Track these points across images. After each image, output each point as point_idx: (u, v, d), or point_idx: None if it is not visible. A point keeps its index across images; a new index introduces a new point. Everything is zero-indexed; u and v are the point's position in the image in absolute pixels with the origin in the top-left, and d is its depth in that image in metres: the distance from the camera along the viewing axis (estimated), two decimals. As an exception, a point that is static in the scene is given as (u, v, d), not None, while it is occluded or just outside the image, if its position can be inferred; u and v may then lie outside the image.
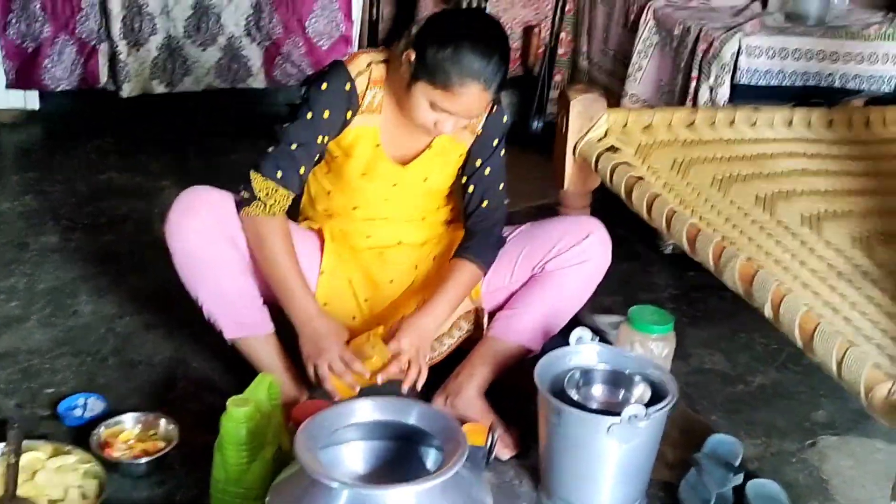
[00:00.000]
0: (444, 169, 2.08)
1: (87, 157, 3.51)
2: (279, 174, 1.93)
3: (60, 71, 3.72)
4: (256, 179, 1.94)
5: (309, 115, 1.94)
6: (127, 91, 3.77)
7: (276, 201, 1.94)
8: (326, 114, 1.94)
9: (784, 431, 2.15)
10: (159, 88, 3.84)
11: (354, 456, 1.61)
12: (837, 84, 2.81)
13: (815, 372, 2.23)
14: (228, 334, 2.03)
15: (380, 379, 1.92)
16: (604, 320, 2.39)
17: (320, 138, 1.96)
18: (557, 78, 3.86)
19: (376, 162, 2.02)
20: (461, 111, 1.86)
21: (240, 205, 1.95)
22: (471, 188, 2.10)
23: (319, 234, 2.13)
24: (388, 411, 1.54)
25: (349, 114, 1.97)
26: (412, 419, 1.53)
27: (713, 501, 1.84)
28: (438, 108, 1.86)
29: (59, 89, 3.74)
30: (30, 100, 3.88)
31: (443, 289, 2.02)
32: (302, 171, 1.96)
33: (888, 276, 1.83)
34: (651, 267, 2.94)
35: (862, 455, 2.07)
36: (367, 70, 1.97)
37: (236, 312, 2.00)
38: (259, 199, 1.93)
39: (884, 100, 2.83)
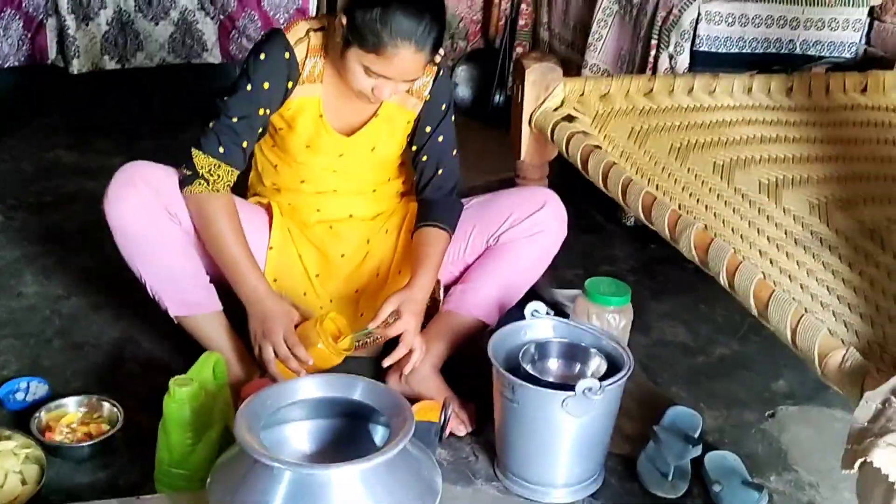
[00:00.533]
0: (391, 137, 2.02)
1: (35, 136, 3.42)
2: (221, 150, 1.87)
3: (7, 47, 3.60)
4: (198, 156, 1.87)
5: (248, 87, 1.87)
6: (77, 67, 3.66)
7: (219, 177, 1.87)
8: (266, 85, 1.87)
9: (744, 402, 2.13)
10: (111, 64, 3.74)
11: (301, 435, 1.56)
12: (798, 51, 2.78)
13: (775, 342, 2.18)
14: (174, 312, 1.96)
15: (386, 362, 1.89)
16: (563, 294, 2.36)
17: (261, 110, 1.89)
18: (519, 50, 3.80)
19: (320, 133, 1.96)
20: (396, 75, 1.80)
21: (182, 183, 1.88)
22: (424, 157, 2.05)
23: (268, 209, 2.07)
24: (332, 388, 1.49)
25: (290, 83, 1.90)
26: (357, 395, 1.48)
27: (671, 474, 1.82)
28: (373, 73, 1.80)
29: (5, 66, 3.63)
30: (-24, 78, 3.77)
31: (423, 260, 1.96)
32: (245, 145, 1.90)
33: (846, 243, 1.81)
34: (612, 240, 2.91)
35: (821, 424, 2.05)
36: (305, 38, 1.90)
37: (180, 290, 1.94)
38: (202, 176, 1.87)
39: (845, 66, 2.80)
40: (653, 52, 2.73)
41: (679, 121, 2.28)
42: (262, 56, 1.88)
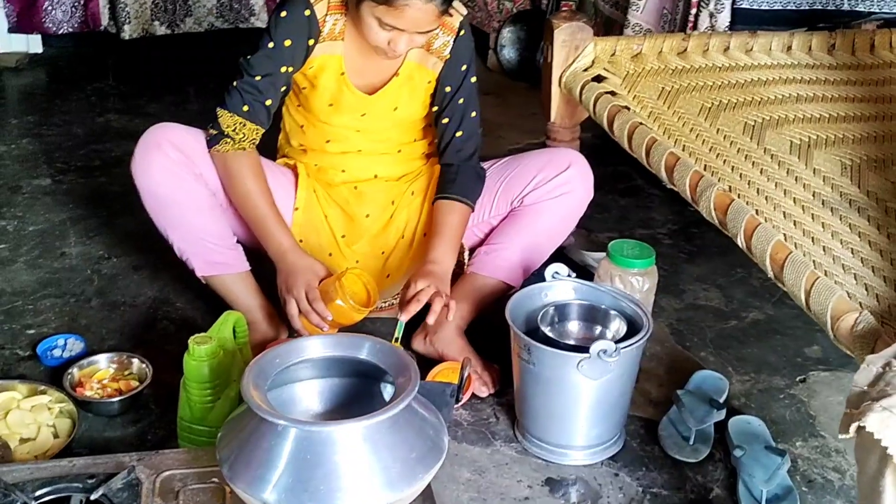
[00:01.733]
0: (412, 97, 2.02)
1: (87, 100, 3.51)
2: (245, 108, 1.89)
3: (61, 13, 3.70)
4: (223, 116, 1.90)
5: (270, 45, 1.89)
6: (128, 33, 3.75)
7: (244, 136, 1.90)
8: (287, 42, 1.89)
9: (775, 367, 2.09)
10: (161, 30, 3.81)
11: (311, 394, 1.57)
12: (846, 7, 2.69)
13: (810, 306, 2.16)
14: (200, 272, 2.00)
15: (403, 317, 1.84)
16: (593, 256, 2.34)
17: (284, 68, 1.91)
18: (565, 10, 3.74)
19: (342, 91, 1.97)
20: (409, 26, 1.78)
21: (209, 143, 1.91)
22: (445, 120, 2.03)
23: (294, 170, 2.09)
24: (339, 347, 1.50)
25: (311, 41, 1.91)
26: (364, 355, 1.49)
27: (692, 438, 1.80)
28: (386, 25, 1.79)
29: (60, 32, 3.73)
30: (33, 43, 3.88)
31: (439, 234, 1.96)
32: (268, 103, 1.91)
33: (876, 204, 1.76)
34: (651, 202, 2.87)
35: (852, 391, 2.00)
36: None
37: (207, 250, 1.97)
38: (227, 135, 1.89)
39: (896, 23, 2.70)
40: (693, 11, 2.67)
41: (712, 80, 2.23)
42: (284, 14, 1.89)
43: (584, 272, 2.25)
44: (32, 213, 2.64)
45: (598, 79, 2.19)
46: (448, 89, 2.01)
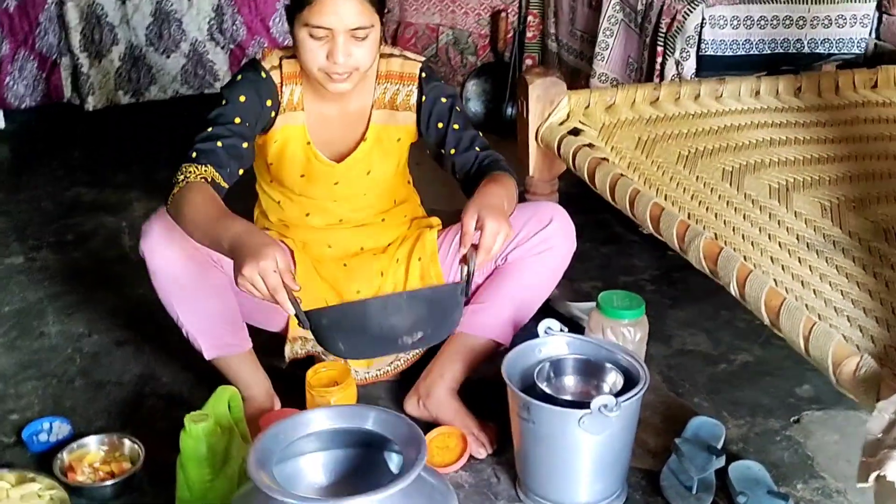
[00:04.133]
0: (385, 158, 2.01)
1: (54, 174, 3.46)
2: (200, 154, 1.79)
3: (22, 88, 3.68)
4: (182, 168, 1.78)
5: (223, 102, 1.86)
6: (92, 104, 3.73)
7: (200, 173, 1.75)
8: (242, 98, 1.86)
9: (769, 409, 2.10)
10: (125, 99, 3.80)
11: (316, 467, 1.56)
12: (806, 50, 2.76)
13: (797, 346, 2.18)
14: (209, 355, 1.95)
15: (477, 261, 1.69)
16: (579, 307, 2.34)
17: (237, 118, 1.84)
18: (528, 62, 3.80)
19: (311, 161, 1.96)
20: (336, 23, 1.73)
21: (167, 200, 1.75)
22: (452, 150, 1.96)
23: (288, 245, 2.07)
24: (344, 419, 1.49)
25: (269, 101, 1.89)
26: (369, 425, 1.48)
27: (695, 487, 1.80)
28: (314, 28, 1.74)
29: (22, 107, 3.70)
30: (-5, 119, 3.85)
31: (492, 185, 1.83)
32: (220, 144, 1.80)
33: (859, 244, 1.79)
34: (631, 249, 2.89)
35: (848, 429, 2.01)
36: (279, 66, 1.90)
37: (217, 333, 1.92)
38: (186, 178, 1.75)
39: (855, 63, 2.77)
40: (659, 59, 2.72)
41: (686, 128, 2.27)
42: (239, 77, 1.90)
43: (572, 324, 2.24)
44: (7, 293, 2.59)
45: (575, 132, 2.22)
46: (440, 125, 1.97)
